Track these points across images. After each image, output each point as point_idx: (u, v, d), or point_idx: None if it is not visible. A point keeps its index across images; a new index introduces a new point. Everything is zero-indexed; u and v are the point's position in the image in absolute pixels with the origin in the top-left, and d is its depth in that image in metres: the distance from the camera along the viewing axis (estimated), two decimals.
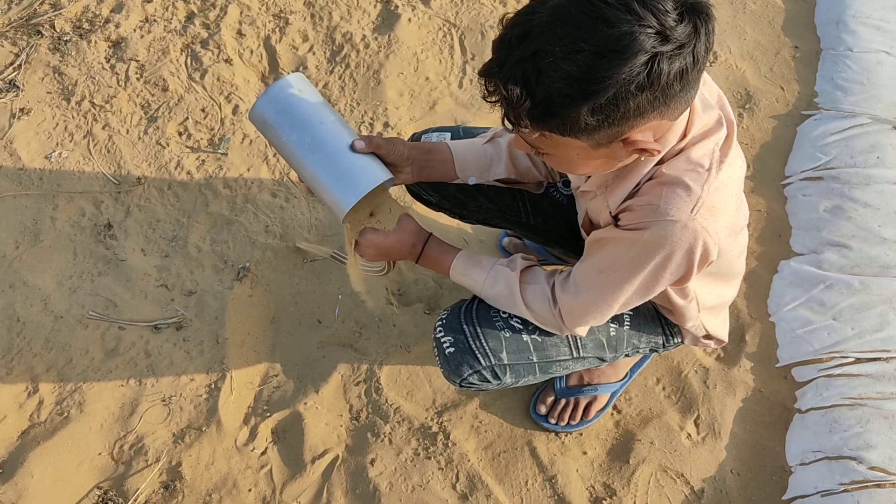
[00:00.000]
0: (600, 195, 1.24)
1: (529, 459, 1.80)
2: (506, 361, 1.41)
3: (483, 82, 1.01)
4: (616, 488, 1.75)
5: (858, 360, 1.82)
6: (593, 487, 1.76)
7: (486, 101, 1.01)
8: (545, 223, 1.63)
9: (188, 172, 2.24)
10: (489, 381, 1.43)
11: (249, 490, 1.79)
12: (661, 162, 1.14)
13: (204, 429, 1.86)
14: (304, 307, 2.04)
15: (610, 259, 1.22)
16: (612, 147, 1.05)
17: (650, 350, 1.60)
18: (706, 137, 1.13)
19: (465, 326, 1.39)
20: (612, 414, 1.86)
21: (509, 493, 1.76)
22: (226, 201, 2.19)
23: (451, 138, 1.49)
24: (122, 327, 1.99)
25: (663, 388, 1.89)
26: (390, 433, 1.84)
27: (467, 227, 2.16)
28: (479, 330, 1.39)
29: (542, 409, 1.82)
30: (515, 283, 1.35)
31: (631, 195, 1.18)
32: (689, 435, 1.82)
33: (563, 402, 1.82)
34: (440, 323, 1.43)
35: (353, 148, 1.27)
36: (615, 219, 1.22)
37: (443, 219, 2.08)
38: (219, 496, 1.78)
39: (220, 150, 2.26)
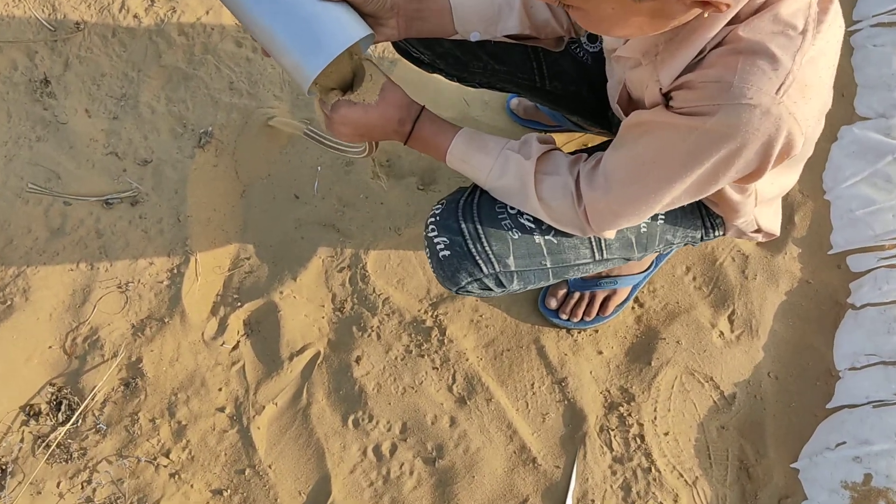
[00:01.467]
0: (646, 64, 0.94)
1: (536, 359, 1.59)
2: (513, 268, 1.16)
3: None
4: (634, 393, 1.55)
5: None
6: (608, 392, 1.56)
7: None
8: (564, 88, 1.33)
9: (135, 16, 1.90)
10: (491, 290, 1.19)
11: (220, 389, 1.60)
12: (734, 20, 0.83)
13: (166, 320, 1.65)
14: (278, 180, 1.78)
15: (656, 150, 0.94)
16: None
17: (685, 244, 1.35)
18: None
19: (463, 225, 1.13)
20: (633, 308, 1.63)
21: (513, 396, 1.56)
22: (182, 52, 1.87)
23: None
24: (68, 202, 1.74)
25: (693, 279, 1.65)
26: (378, 327, 1.63)
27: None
28: (480, 230, 1.13)
29: (553, 303, 1.59)
30: (530, 175, 1.07)
31: (691, 67, 0.88)
32: (722, 333, 1.60)
33: (576, 295, 1.59)
34: (433, 220, 1.17)
35: None
36: (666, 97, 0.93)
37: (436, 78, 1.76)
38: (185, 395, 1.59)
39: None
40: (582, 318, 1.59)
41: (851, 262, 1.62)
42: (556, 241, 1.17)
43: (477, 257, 1.14)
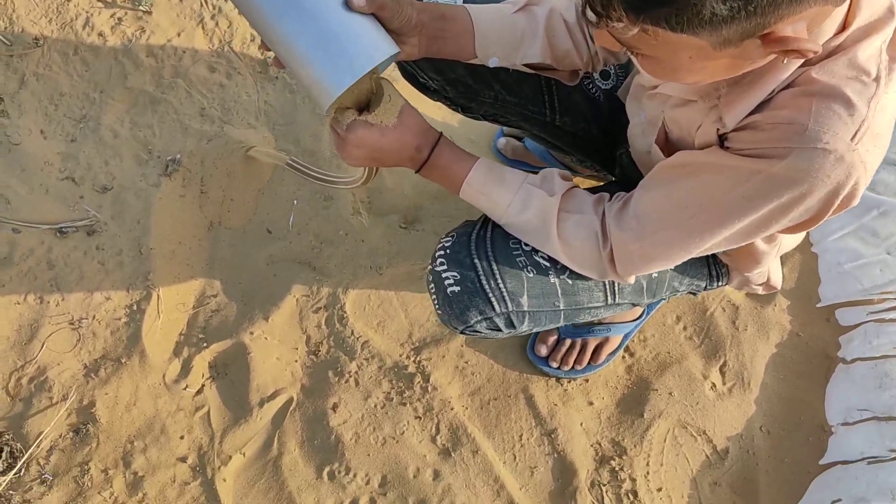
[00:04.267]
0: (703, 104, 0.92)
1: (525, 409, 1.55)
2: (525, 307, 1.12)
3: None
4: (626, 446, 1.52)
5: None
6: (600, 444, 1.53)
7: None
8: (574, 124, 1.31)
9: (100, 34, 1.82)
10: (500, 330, 1.15)
11: (181, 437, 1.50)
12: (806, 63, 0.83)
13: (123, 360, 1.54)
14: (248, 213, 1.70)
15: (704, 193, 0.92)
16: (744, 46, 0.73)
17: (688, 293, 1.34)
18: (872, 33, 0.82)
19: (476, 261, 1.09)
20: (623, 357, 1.61)
21: (500, 448, 1.51)
22: (150, 74, 1.80)
23: (466, 1, 1.13)
24: (17, 229, 1.63)
25: (685, 328, 1.64)
26: (356, 372, 1.56)
27: (454, 119, 1.83)
28: (494, 266, 1.09)
29: (543, 350, 1.56)
30: (553, 212, 1.04)
31: (758, 108, 0.86)
32: (714, 385, 1.59)
33: (567, 342, 1.56)
34: (442, 253, 1.12)
35: (349, 5, 0.92)
36: (721, 138, 0.91)
37: (423, 108, 1.73)
38: (142, 444, 1.49)
39: (141, 7, 1.84)
40: (573, 367, 1.55)
41: (840, 315, 1.64)
42: (570, 283, 1.14)
43: (490, 295, 1.10)
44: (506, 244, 1.12)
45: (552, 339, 1.57)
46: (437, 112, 1.75)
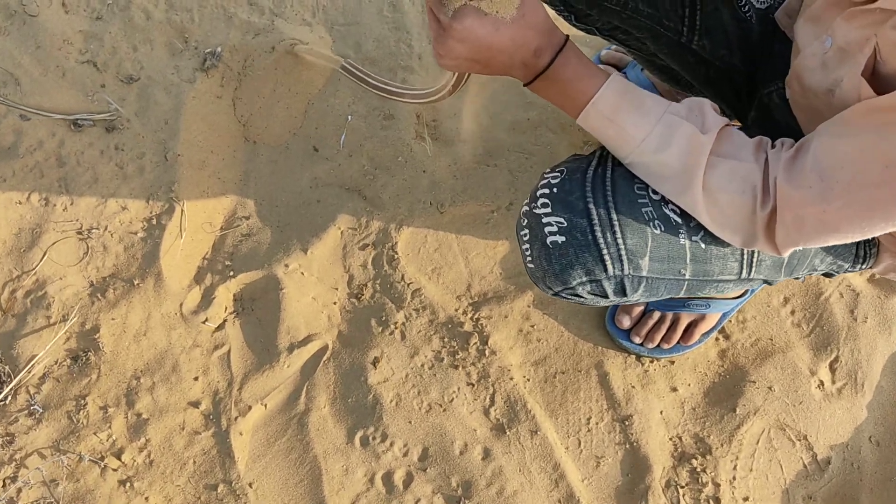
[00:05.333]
0: None
1: (597, 388, 1.32)
2: (644, 272, 0.89)
3: None
4: (712, 444, 1.29)
5: None
6: (680, 439, 1.30)
7: None
8: (713, 50, 1.05)
9: None
10: (605, 296, 0.92)
11: (196, 379, 1.30)
12: None
13: (136, 282, 1.33)
14: (294, 125, 1.46)
15: None
16: None
17: (825, 274, 1.09)
18: None
19: (591, 206, 0.85)
20: (717, 339, 1.37)
21: (563, 431, 1.29)
22: None
23: None
24: (26, 116, 1.40)
25: (792, 313, 1.40)
26: (404, 324, 1.34)
27: None
28: (614, 216, 0.86)
29: (626, 322, 1.33)
30: (703, 154, 0.80)
31: None
32: (822, 383, 1.35)
33: (656, 315, 1.32)
34: (546, 192, 0.88)
35: None
36: None
37: None
38: (150, 381, 1.29)
39: None
40: (658, 345, 1.32)
41: None
42: (703, 247, 0.90)
43: (604, 251, 0.86)
44: (630, 189, 0.87)
45: (638, 309, 1.33)
46: None
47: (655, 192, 0.88)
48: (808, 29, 0.89)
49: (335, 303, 1.36)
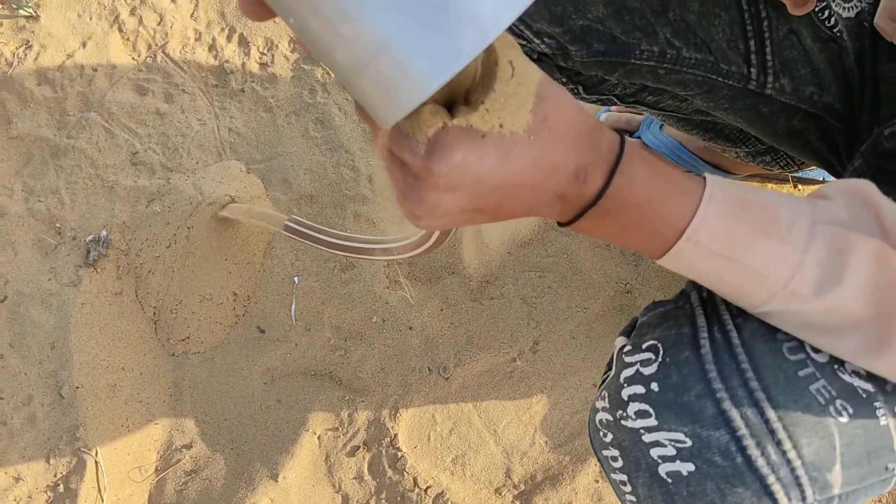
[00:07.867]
0: None
1: None
2: (836, 489, 0.53)
3: None
4: None
5: None
6: None
7: None
8: (794, 90, 0.70)
9: None
10: None
11: None
12: None
13: None
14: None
15: None
16: None
17: None
18: None
19: (730, 404, 0.50)
20: None
21: None
22: (45, 111, 1.19)
23: None
24: None
25: None
26: None
27: None
28: (770, 413, 0.50)
29: None
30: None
31: None
32: None
33: None
34: (640, 387, 0.54)
35: None
36: None
37: None
38: None
39: (21, 11, 1.23)
40: None
41: None
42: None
43: (769, 477, 0.50)
44: (778, 355, 0.51)
45: None
46: None
47: (816, 350, 0.52)
48: None
49: None
